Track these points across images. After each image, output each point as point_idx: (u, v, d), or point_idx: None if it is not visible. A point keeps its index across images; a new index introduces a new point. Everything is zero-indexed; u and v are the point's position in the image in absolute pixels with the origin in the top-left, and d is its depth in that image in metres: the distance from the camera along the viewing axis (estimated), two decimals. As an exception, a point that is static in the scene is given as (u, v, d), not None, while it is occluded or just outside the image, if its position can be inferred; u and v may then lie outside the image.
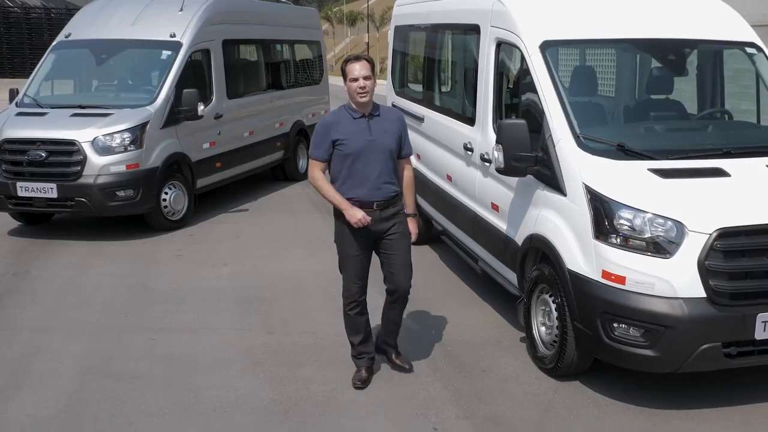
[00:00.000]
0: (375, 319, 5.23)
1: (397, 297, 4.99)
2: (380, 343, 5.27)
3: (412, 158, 5.13)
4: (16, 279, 7.42)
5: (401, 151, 4.89)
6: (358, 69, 4.65)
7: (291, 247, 8.51)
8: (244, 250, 8.43)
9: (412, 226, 4.99)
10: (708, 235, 4.32)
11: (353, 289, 4.89)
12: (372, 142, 4.68)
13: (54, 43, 10.27)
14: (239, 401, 4.80)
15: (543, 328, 5.24)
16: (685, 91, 6.41)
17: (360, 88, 4.63)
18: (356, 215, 4.65)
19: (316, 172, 4.80)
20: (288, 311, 6.47)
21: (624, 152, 4.90)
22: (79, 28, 10.28)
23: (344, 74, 4.71)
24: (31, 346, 5.72)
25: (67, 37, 10.19)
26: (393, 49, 9.54)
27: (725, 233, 4.33)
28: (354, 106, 4.74)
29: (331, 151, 4.73)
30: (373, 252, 4.95)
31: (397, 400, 4.83)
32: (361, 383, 4.98)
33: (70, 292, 7.04)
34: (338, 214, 4.81)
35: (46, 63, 9.98)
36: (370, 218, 4.68)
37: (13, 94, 9.72)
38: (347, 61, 4.71)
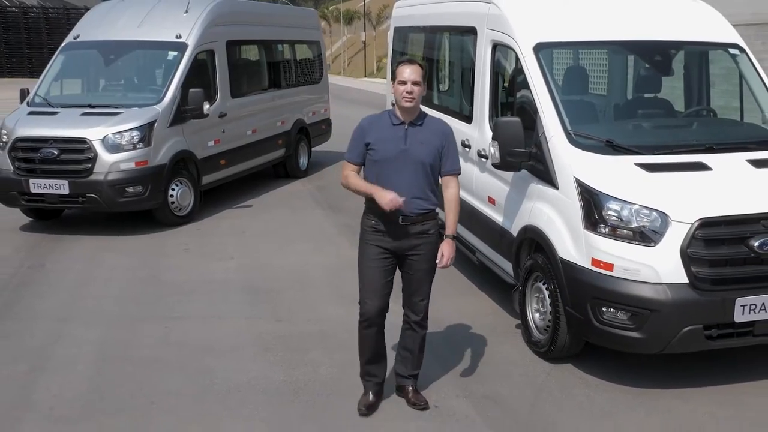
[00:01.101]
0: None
1: (412, 323, 4.64)
2: (396, 375, 4.85)
3: None
4: (31, 272, 7.71)
5: (442, 165, 4.48)
6: (408, 72, 4.33)
7: (295, 242, 8.81)
8: (249, 244, 8.73)
9: (447, 249, 4.46)
10: (690, 225, 4.63)
11: (366, 306, 4.49)
12: (404, 152, 4.35)
13: (63, 44, 10.56)
14: (252, 383, 5.11)
15: (537, 315, 5.56)
16: (678, 89, 6.73)
17: (407, 92, 4.32)
18: (386, 196, 4.26)
19: (347, 171, 4.51)
20: (294, 301, 6.78)
21: (612, 148, 5.22)
22: (87, 30, 10.57)
23: (393, 76, 4.43)
24: (51, 334, 6.02)
25: (75, 38, 10.48)
26: (392, 50, 9.85)
27: (706, 223, 4.65)
28: (398, 112, 4.43)
29: (364, 155, 4.45)
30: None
31: (400, 381, 5.13)
32: (366, 409, 4.62)
33: (85, 283, 7.34)
34: (364, 219, 4.53)
35: (55, 63, 10.28)
36: (403, 199, 4.27)
37: (23, 94, 9.99)
38: (400, 62, 4.43)
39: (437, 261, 4.48)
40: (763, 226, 4.69)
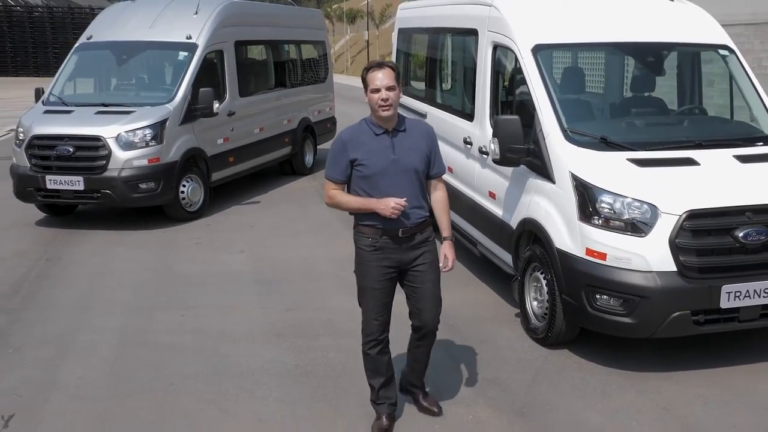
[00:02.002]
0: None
1: (424, 334, 4.44)
2: (405, 384, 4.78)
3: None
4: (49, 264, 8.02)
5: (430, 169, 4.30)
6: (380, 78, 4.05)
7: (302, 236, 9.11)
8: (258, 239, 9.03)
9: (449, 251, 4.38)
10: (678, 217, 4.91)
11: (373, 326, 4.32)
12: (395, 162, 4.12)
13: (76, 45, 10.86)
14: (265, 366, 5.41)
15: (535, 303, 5.85)
16: (674, 88, 7.01)
17: (382, 100, 4.04)
18: (388, 203, 4.06)
19: (330, 191, 4.25)
20: (303, 291, 7.07)
21: (606, 144, 5.51)
22: (99, 31, 10.88)
23: (365, 84, 4.14)
24: (72, 322, 6.32)
25: (88, 39, 10.78)
26: (397, 50, 10.14)
27: (693, 215, 4.93)
28: (375, 120, 4.17)
29: (349, 172, 4.18)
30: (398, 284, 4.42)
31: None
32: None
33: (102, 275, 7.64)
34: (358, 239, 4.31)
35: (69, 63, 10.57)
36: (405, 200, 4.09)
37: (38, 93, 10.29)
38: (368, 69, 4.14)
39: (441, 265, 4.37)
40: (748, 218, 4.97)
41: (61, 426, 4.60)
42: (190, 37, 10.24)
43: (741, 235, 4.92)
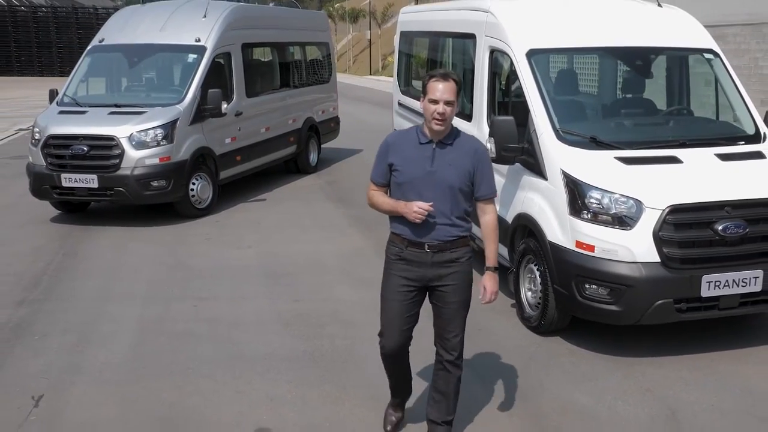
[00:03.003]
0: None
1: (443, 362, 4.19)
2: (427, 421, 4.42)
3: None
4: (67, 259, 8.39)
5: (475, 190, 4.05)
6: (441, 90, 3.85)
7: (308, 232, 9.46)
8: (265, 234, 9.39)
9: (489, 283, 4.12)
10: (661, 211, 5.27)
11: (386, 337, 4.17)
12: (430, 174, 3.93)
13: (89, 48, 11.23)
14: (276, 352, 5.77)
15: (529, 293, 6.20)
16: (661, 89, 7.37)
17: (438, 113, 3.86)
18: (412, 206, 3.89)
19: (370, 191, 4.16)
20: (310, 284, 7.43)
21: (595, 143, 5.87)
22: (111, 34, 11.24)
23: (424, 90, 3.96)
24: (92, 312, 6.68)
25: (100, 41, 11.15)
26: (399, 52, 10.51)
27: (675, 209, 5.29)
28: (425, 129, 4.01)
29: (388, 176, 4.07)
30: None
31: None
32: (392, 428, 4.53)
33: (117, 269, 8.01)
34: (388, 246, 4.17)
35: (82, 65, 10.94)
36: (430, 206, 3.89)
37: (53, 94, 10.66)
38: (432, 76, 3.94)
39: (480, 297, 4.12)
40: (727, 213, 5.32)
41: (88, 406, 4.96)
42: (199, 40, 10.60)
43: (720, 228, 5.27)
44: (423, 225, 3.93)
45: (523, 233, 6.28)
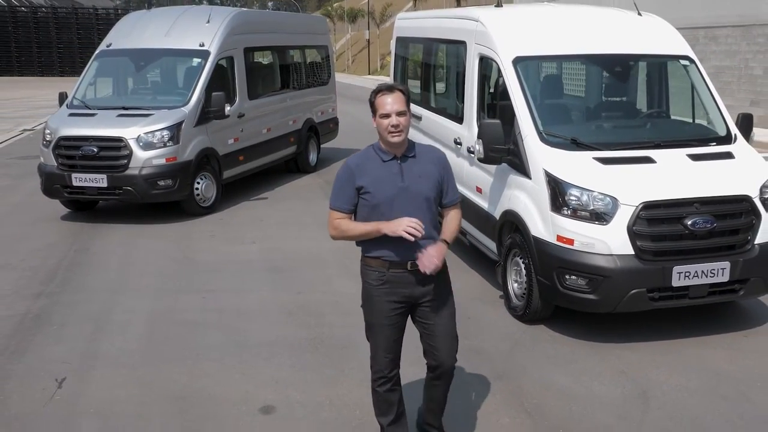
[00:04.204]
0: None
1: (439, 374, 4.19)
2: (422, 423, 4.53)
3: None
4: (79, 254, 8.83)
5: (443, 197, 4.03)
6: (390, 103, 3.80)
7: (308, 229, 9.90)
8: (267, 231, 9.83)
9: (434, 250, 3.86)
10: (635, 207, 5.71)
11: (382, 363, 4.08)
12: (404, 190, 3.86)
13: (97, 52, 11.67)
14: (279, 339, 6.22)
15: (515, 284, 6.65)
16: (642, 93, 7.81)
17: (392, 126, 3.79)
18: (400, 224, 3.75)
19: (335, 220, 3.96)
20: (310, 277, 7.87)
21: (576, 144, 6.31)
22: (118, 39, 11.69)
23: (373, 108, 3.88)
24: (106, 303, 7.12)
25: (108, 46, 11.60)
26: (395, 55, 10.95)
27: (648, 206, 5.73)
28: (384, 146, 3.92)
29: (355, 201, 3.92)
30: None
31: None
32: None
33: (128, 263, 8.45)
34: (364, 272, 4.08)
35: (91, 69, 11.38)
36: (419, 223, 3.75)
37: (62, 97, 11.10)
38: (377, 92, 3.88)
39: (421, 267, 3.86)
40: (696, 209, 5.77)
41: (107, 387, 5.40)
42: (203, 45, 11.04)
43: (690, 223, 5.72)
44: (406, 244, 3.80)
45: (509, 229, 6.71)
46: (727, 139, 6.71)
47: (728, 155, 6.39)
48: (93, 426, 4.86)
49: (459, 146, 7.76)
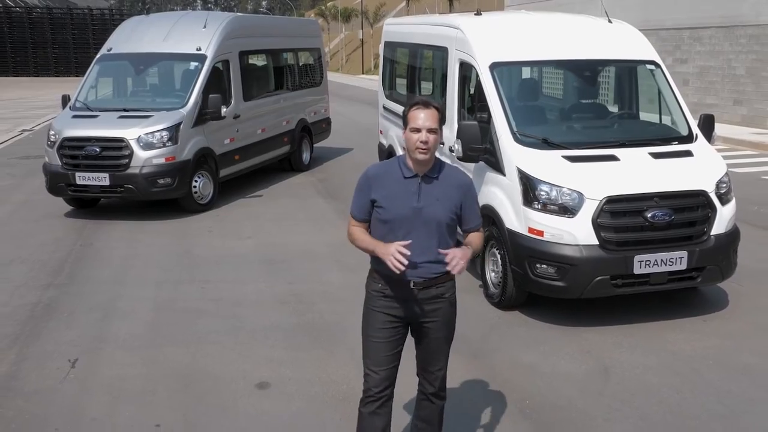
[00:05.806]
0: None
1: (425, 393, 4.08)
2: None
3: (398, 149, 6.42)
4: (84, 249, 9.33)
5: (464, 222, 3.88)
6: (423, 119, 3.67)
7: (301, 225, 10.42)
8: (262, 227, 10.34)
9: (460, 252, 3.66)
10: (599, 201, 6.24)
11: (370, 379, 3.88)
12: (417, 211, 3.72)
13: (98, 56, 12.17)
14: (273, 325, 6.73)
15: (492, 274, 7.17)
16: (611, 96, 8.35)
17: (421, 142, 3.65)
18: (388, 250, 3.62)
19: (350, 227, 3.93)
20: (303, 269, 8.38)
21: (547, 144, 6.84)
22: (118, 43, 12.19)
23: (405, 120, 3.76)
24: (112, 293, 7.63)
25: (108, 50, 12.10)
26: (383, 58, 11.49)
27: (611, 200, 6.26)
28: (410, 161, 3.77)
29: (369, 211, 3.84)
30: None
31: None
32: None
33: (130, 257, 8.95)
34: (369, 282, 3.95)
35: (92, 73, 11.88)
36: (407, 248, 3.59)
37: (65, 99, 11.60)
38: (413, 105, 3.76)
39: (449, 267, 3.65)
40: (656, 203, 6.30)
41: (117, 366, 5.91)
42: (199, 49, 11.54)
43: (650, 216, 6.25)
44: (410, 264, 3.65)
45: (487, 222, 7.20)
46: (688, 138, 7.24)
47: (688, 153, 6.92)
48: (105, 399, 5.37)
49: (441, 146, 8.27)
